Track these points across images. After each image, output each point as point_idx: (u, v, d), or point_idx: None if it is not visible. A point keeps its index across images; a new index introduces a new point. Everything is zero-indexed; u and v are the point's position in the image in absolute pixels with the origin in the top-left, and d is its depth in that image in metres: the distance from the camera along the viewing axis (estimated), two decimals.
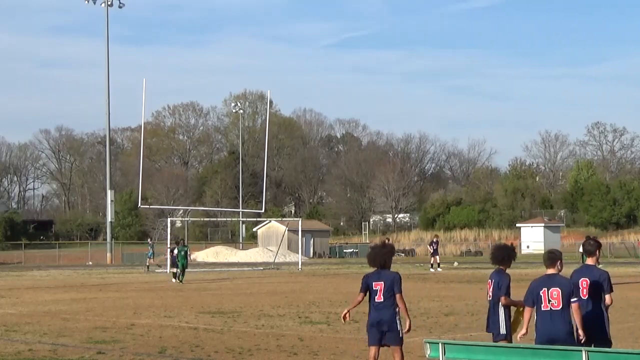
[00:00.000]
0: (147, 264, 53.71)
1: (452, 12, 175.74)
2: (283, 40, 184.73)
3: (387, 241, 11.55)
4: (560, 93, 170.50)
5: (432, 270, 47.33)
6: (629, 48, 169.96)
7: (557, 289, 10.17)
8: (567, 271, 11.08)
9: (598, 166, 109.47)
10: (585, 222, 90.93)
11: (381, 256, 11.28)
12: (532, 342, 10.31)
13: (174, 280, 39.81)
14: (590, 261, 10.89)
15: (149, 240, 60.90)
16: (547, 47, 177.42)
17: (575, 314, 10.21)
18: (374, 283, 11.16)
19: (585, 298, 10.54)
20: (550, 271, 10.34)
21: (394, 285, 11.07)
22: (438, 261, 48.53)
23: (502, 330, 11.18)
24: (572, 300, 10.18)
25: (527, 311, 10.45)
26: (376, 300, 11.11)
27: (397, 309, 11.10)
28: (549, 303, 10.17)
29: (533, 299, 10.32)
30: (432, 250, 48.92)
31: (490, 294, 11.27)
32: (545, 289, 10.21)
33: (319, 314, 22.58)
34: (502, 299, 11.11)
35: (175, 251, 39.52)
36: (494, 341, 11.06)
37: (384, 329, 11.10)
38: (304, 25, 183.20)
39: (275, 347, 15.90)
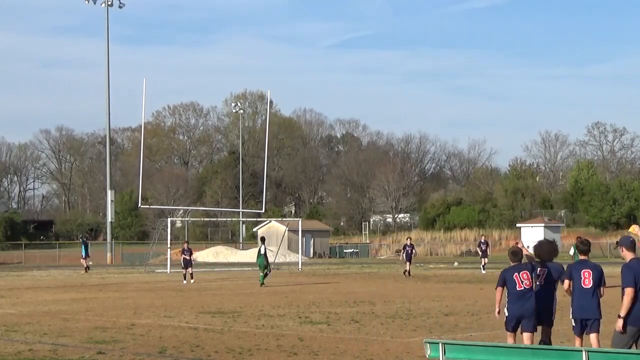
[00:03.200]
0: (85, 264, 52.05)
1: (453, 12, 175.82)
2: (284, 40, 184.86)
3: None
4: (560, 93, 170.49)
5: (483, 272, 44.95)
6: (628, 48, 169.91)
7: (526, 272, 12.53)
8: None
9: (598, 166, 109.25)
10: (585, 222, 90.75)
11: (547, 250, 13.16)
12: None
13: (185, 281, 38.67)
14: (584, 257, 12.63)
15: (80, 237, 58.77)
16: (546, 47, 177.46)
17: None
18: (520, 273, 12.59)
19: (590, 286, 12.10)
20: (516, 263, 12.68)
21: (553, 275, 12.77)
22: (486, 262, 46.15)
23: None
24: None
25: (499, 291, 12.62)
26: (537, 284, 12.67)
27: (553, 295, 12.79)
28: (522, 283, 12.40)
29: (504, 282, 12.61)
30: (480, 252, 47.23)
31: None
32: (517, 273, 12.50)
33: (319, 314, 22.57)
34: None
35: (263, 250, 36.87)
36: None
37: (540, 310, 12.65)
38: (305, 25, 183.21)
39: (275, 347, 15.89)
